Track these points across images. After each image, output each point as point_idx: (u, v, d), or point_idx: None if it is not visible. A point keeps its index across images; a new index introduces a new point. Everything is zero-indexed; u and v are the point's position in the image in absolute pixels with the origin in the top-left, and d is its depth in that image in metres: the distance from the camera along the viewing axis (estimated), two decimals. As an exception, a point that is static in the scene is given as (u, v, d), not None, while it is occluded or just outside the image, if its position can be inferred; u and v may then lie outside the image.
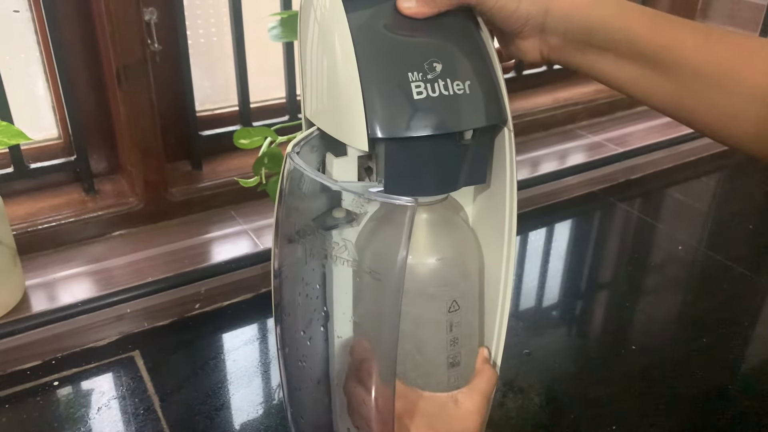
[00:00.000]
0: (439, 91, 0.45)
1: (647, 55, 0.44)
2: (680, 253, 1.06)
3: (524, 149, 1.28)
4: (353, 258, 0.47)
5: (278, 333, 0.52)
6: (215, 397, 0.75)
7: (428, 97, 0.45)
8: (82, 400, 0.74)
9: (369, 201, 0.45)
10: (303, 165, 0.45)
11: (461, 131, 0.47)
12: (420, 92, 0.45)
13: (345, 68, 0.45)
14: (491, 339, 0.58)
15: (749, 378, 0.81)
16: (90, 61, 0.91)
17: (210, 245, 0.94)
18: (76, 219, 0.91)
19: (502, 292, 0.56)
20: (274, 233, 0.49)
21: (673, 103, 0.45)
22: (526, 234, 1.10)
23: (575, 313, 0.92)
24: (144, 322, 0.84)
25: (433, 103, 0.45)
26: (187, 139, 1.00)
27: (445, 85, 0.46)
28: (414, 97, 0.45)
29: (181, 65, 0.94)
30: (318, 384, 0.57)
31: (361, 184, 0.48)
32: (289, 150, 0.47)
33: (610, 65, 0.46)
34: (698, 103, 0.43)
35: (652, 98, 0.46)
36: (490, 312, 0.58)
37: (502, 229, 0.55)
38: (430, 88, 0.45)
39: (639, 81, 0.46)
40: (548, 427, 0.72)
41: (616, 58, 0.46)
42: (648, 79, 0.45)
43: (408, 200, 0.41)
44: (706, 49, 0.42)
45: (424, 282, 0.52)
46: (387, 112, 0.45)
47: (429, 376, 0.55)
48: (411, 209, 0.41)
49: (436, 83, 0.45)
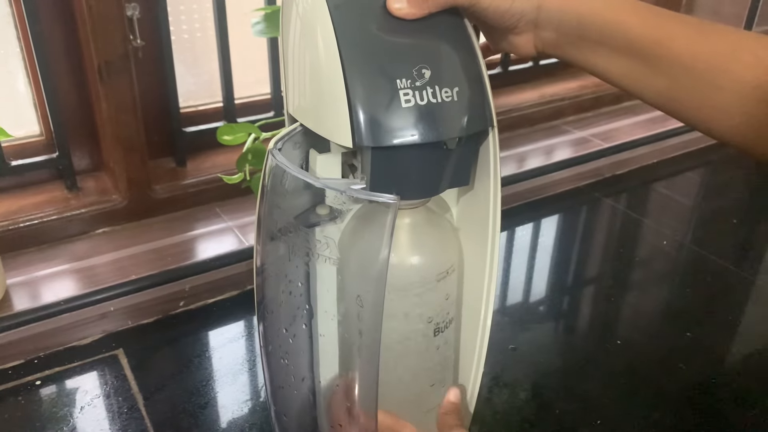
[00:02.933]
0: (427, 99, 0.45)
1: (639, 49, 0.44)
2: (665, 247, 1.07)
3: (510, 145, 1.28)
4: (336, 256, 0.46)
5: (261, 331, 0.51)
6: (200, 395, 0.74)
7: (416, 105, 0.45)
8: (65, 400, 0.73)
9: (351, 198, 0.45)
10: (285, 162, 0.45)
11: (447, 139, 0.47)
12: (408, 100, 0.44)
13: (328, 64, 0.45)
14: (474, 341, 0.58)
15: (733, 372, 0.81)
16: (72, 57, 0.90)
17: (194, 242, 0.93)
18: (59, 217, 0.91)
19: (486, 292, 0.56)
20: (257, 230, 0.49)
21: (665, 98, 0.45)
22: (512, 229, 1.10)
23: (561, 308, 0.92)
24: (128, 320, 0.84)
25: (420, 112, 0.45)
26: (170, 136, 1.00)
27: (434, 93, 0.45)
28: (402, 105, 0.44)
29: (164, 61, 0.93)
30: (302, 382, 0.56)
31: (343, 181, 0.48)
32: (271, 146, 0.46)
33: (603, 59, 0.46)
34: (689, 98, 0.43)
35: (645, 92, 0.46)
36: (473, 313, 0.58)
37: (485, 230, 0.54)
38: (418, 95, 0.45)
39: (632, 75, 0.46)
40: (533, 422, 0.72)
41: (609, 52, 0.46)
42: (640, 73, 0.45)
43: (390, 198, 0.41)
44: (698, 43, 0.42)
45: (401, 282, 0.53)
46: (374, 120, 0.44)
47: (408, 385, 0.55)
48: (393, 207, 0.41)
49: (424, 91, 0.45)
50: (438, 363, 0.57)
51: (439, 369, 0.58)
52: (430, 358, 0.56)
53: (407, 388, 0.57)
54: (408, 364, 0.55)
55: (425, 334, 0.54)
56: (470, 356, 0.59)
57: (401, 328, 0.53)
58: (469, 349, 0.59)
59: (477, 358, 0.59)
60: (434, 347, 0.56)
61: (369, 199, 0.42)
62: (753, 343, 0.87)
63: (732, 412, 0.74)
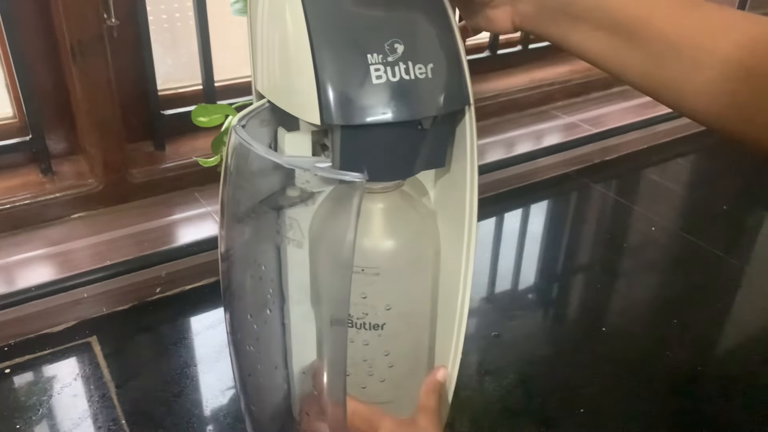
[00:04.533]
0: (399, 76, 0.43)
1: (621, 25, 0.42)
2: (654, 234, 1.05)
3: (498, 130, 1.25)
4: (301, 238, 0.44)
5: (228, 319, 0.49)
6: (174, 383, 0.72)
7: (388, 81, 0.43)
8: (35, 388, 0.71)
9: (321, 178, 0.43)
10: (248, 138, 0.43)
11: (421, 118, 0.45)
12: (379, 76, 0.42)
13: (296, 38, 0.43)
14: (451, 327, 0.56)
15: (720, 360, 0.80)
16: (45, 37, 0.87)
17: (172, 228, 0.91)
18: (33, 201, 0.88)
19: (462, 279, 0.54)
20: (221, 214, 0.47)
21: (647, 77, 0.43)
22: (499, 215, 1.09)
23: (546, 295, 0.91)
24: (102, 306, 0.82)
25: (392, 89, 0.43)
26: (149, 119, 0.97)
27: (407, 69, 0.43)
28: (373, 82, 0.42)
29: (141, 42, 0.90)
30: (275, 370, 0.54)
31: (308, 159, 0.46)
32: (234, 123, 0.44)
33: (584, 36, 0.44)
34: (671, 77, 0.41)
35: (626, 71, 0.44)
36: (451, 299, 0.56)
37: (463, 214, 0.52)
38: (390, 71, 0.43)
39: (613, 53, 0.43)
40: (515, 410, 0.71)
41: (589, 28, 0.43)
42: (622, 51, 0.43)
43: (356, 176, 0.39)
44: (681, 19, 0.40)
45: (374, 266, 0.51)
46: (343, 97, 0.42)
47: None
48: (359, 186, 0.39)
49: (396, 66, 0.43)
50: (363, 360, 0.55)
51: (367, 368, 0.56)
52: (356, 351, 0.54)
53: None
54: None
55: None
56: (448, 343, 0.57)
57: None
58: (446, 336, 0.57)
59: (455, 345, 0.57)
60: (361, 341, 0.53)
61: (334, 178, 0.40)
62: (741, 330, 0.86)
63: (717, 399, 0.73)
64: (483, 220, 1.08)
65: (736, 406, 0.72)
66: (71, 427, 0.67)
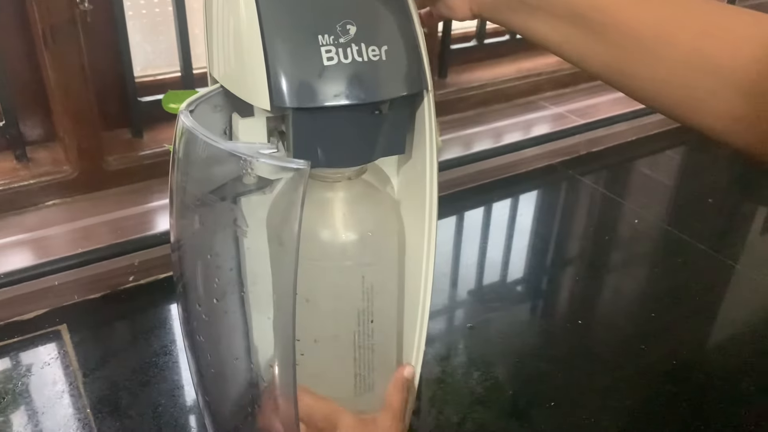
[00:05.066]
0: (351, 57, 0.42)
1: (580, 14, 0.41)
2: (637, 227, 1.04)
3: (485, 120, 1.24)
4: (246, 227, 0.44)
5: (180, 310, 0.48)
6: (142, 372, 0.72)
7: (339, 63, 0.42)
8: (1, 376, 0.70)
9: (264, 164, 0.42)
10: (194, 124, 0.42)
11: (375, 102, 0.44)
12: (330, 57, 0.42)
13: (246, 19, 0.42)
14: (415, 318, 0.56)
15: (696, 356, 0.79)
16: (19, 21, 0.86)
17: (148, 216, 0.90)
18: (6, 188, 0.87)
19: (424, 270, 0.53)
20: (170, 202, 0.46)
21: (607, 67, 0.42)
22: (481, 207, 1.08)
23: (525, 288, 0.90)
24: (74, 294, 0.81)
25: (344, 71, 0.42)
26: (126, 106, 0.96)
27: (359, 51, 0.42)
28: (324, 63, 0.41)
29: (116, 27, 0.89)
30: (236, 361, 0.54)
31: (253, 146, 0.45)
32: (183, 108, 0.43)
33: (543, 24, 0.43)
34: (632, 68, 0.40)
35: (586, 61, 0.43)
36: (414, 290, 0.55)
37: (423, 204, 0.51)
38: (342, 53, 0.42)
39: (572, 42, 0.42)
40: (485, 402, 0.70)
41: (548, 17, 0.42)
42: (581, 41, 0.42)
43: (300, 163, 0.38)
44: (642, 9, 0.39)
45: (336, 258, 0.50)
46: (294, 79, 0.41)
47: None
48: (302, 173, 0.38)
49: (349, 48, 0.42)
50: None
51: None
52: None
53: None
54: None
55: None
56: (411, 335, 0.56)
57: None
58: (410, 328, 0.57)
59: (418, 337, 0.56)
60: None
61: (277, 165, 0.39)
62: (719, 327, 0.85)
63: (691, 396, 0.72)
64: (466, 211, 1.07)
65: (709, 403, 0.72)
66: (35, 415, 0.66)
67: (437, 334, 0.79)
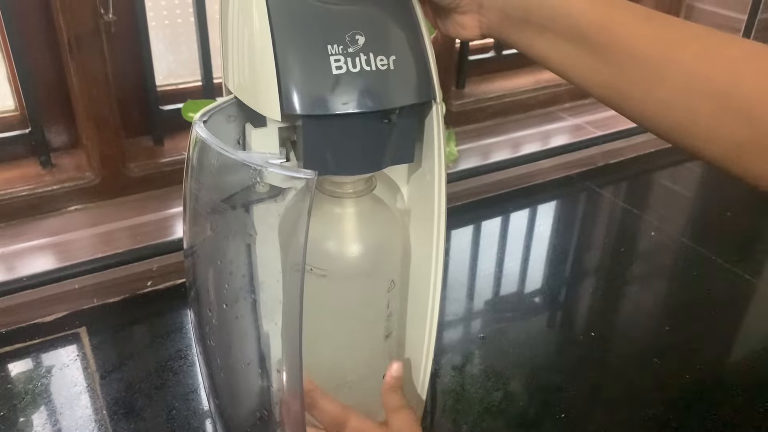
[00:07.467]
0: (360, 67, 0.43)
1: (584, 35, 0.41)
2: (654, 239, 1.04)
3: (503, 130, 1.25)
4: (255, 234, 0.45)
5: (192, 319, 0.50)
6: (157, 376, 0.73)
7: (348, 72, 0.43)
8: (21, 377, 0.72)
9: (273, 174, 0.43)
10: (207, 134, 0.43)
11: (384, 110, 0.45)
12: (339, 67, 0.43)
13: (259, 32, 0.43)
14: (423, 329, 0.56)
15: (709, 369, 0.79)
16: (45, 31, 0.88)
17: (167, 222, 0.92)
18: (31, 193, 0.90)
19: (433, 278, 0.54)
20: (183, 209, 0.47)
21: (609, 88, 0.42)
22: (496, 218, 1.08)
23: (538, 299, 0.90)
24: (93, 298, 0.83)
25: (353, 79, 0.43)
26: (148, 114, 0.98)
27: (368, 60, 0.43)
28: (333, 72, 0.43)
29: (139, 37, 0.91)
30: (247, 366, 0.55)
31: (261, 155, 0.46)
32: (196, 118, 0.45)
33: (548, 45, 0.44)
34: (633, 90, 0.41)
35: (589, 82, 0.43)
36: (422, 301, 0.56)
37: (432, 213, 0.52)
38: (350, 62, 0.43)
39: (576, 63, 0.43)
40: (495, 413, 0.70)
41: (553, 37, 0.43)
42: (585, 62, 0.42)
43: (307, 173, 0.39)
44: (645, 31, 0.40)
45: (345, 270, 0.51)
46: (303, 87, 0.43)
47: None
48: (309, 183, 0.39)
49: (357, 57, 0.43)
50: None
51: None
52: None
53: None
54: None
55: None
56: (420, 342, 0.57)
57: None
58: (418, 335, 0.57)
59: (427, 344, 0.57)
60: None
61: (284, 175, 0.40)
62: (735, 342, 0.84)
63: (703, 410, 0.72)
64: (483, 220, 1.07)
65: (723, 417, 0.71)
66: (53, 415, 0.68)
67: (449, 344, 0.80)
